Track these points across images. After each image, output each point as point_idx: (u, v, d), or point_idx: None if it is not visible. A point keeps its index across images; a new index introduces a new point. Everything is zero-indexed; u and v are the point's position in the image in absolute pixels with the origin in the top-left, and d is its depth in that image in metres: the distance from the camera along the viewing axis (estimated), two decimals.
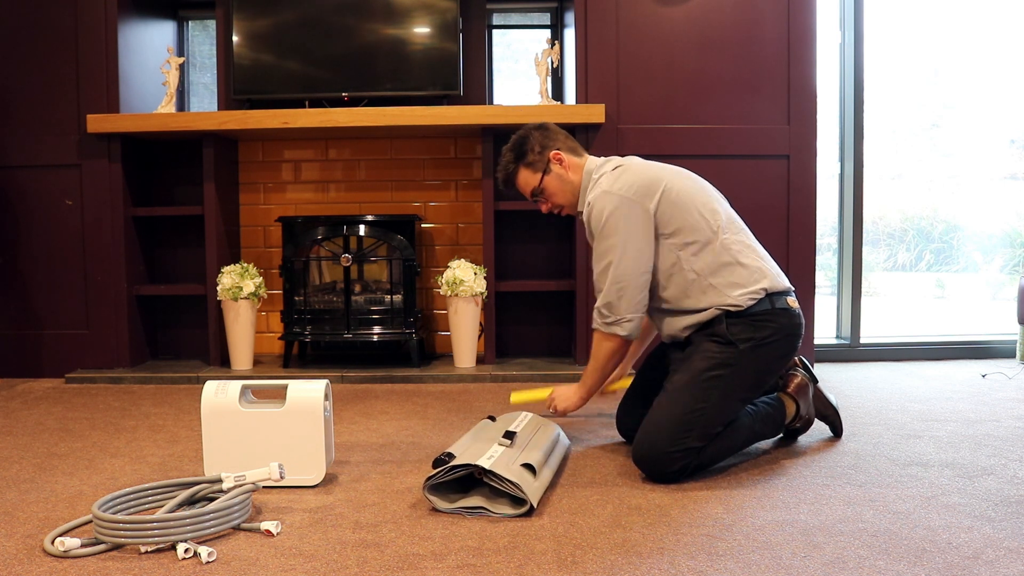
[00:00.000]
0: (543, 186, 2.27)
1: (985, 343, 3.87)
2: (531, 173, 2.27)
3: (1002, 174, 4.67)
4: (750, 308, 2.06)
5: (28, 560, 1.52)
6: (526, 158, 2.27)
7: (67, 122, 3.44)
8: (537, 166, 2.26)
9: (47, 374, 3.51)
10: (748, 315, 2.06)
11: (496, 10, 3.90)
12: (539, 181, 2.27)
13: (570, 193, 2.28)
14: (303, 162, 3.77)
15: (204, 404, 1.95)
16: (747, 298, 2.06)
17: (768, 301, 2.08)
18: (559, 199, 2.29)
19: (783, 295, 2.11)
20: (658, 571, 1.45)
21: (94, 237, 3.46)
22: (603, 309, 2.13)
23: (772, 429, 2.22)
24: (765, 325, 2.06)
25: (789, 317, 2.11)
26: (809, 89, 3.44)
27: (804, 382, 2.31)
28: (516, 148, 2.29)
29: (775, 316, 2.08)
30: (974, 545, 1.56)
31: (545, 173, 2.26)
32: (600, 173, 2.21)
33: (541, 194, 2.29)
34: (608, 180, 2.15)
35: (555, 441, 2.12)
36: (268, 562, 1.50)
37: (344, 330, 3.46)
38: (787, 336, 2.10)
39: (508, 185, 2.34)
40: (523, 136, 2.29)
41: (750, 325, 2.05)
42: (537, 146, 2.26)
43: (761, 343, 2.05)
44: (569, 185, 2.27)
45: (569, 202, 2.29)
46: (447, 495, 1.81)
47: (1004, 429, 2.48)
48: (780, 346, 2.09)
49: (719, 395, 2.00)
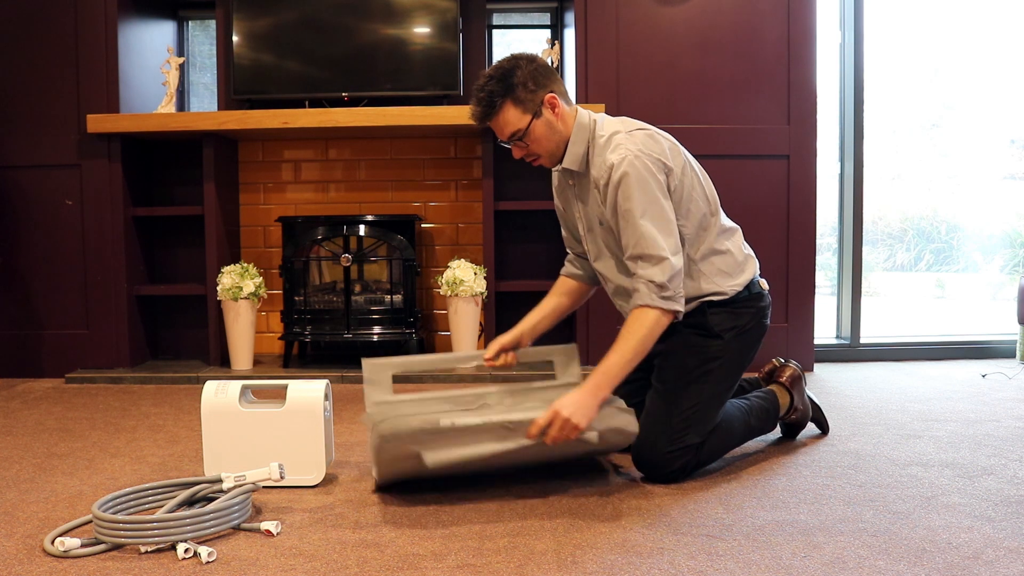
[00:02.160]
0: (530, 129, 1.95)
1: (985, 343, 3.87)
2: (519, 113, 1.93)
3: (1002, 174, 4.67)
4: (734, 296, 2.05)
5: (28, 560, 1.52)
6: (515, 92, 1.92)
7: (67, 122, 3.43)
8: (528, 106, 1.93)
9: (47, 374, 3.51)
10: (728, 303, 2.05)
11: (496, 10, 3.90)
12: (527, 124, 1.94)
13: (555, 144, 1.99)
14: (303, 162, 3.77)
15: (204, 404, 1.95)
16: (733, 288, 2.05)
17: (746, 288, 2.07)
18: (541, 147, 1.99)
19: (755, 279, 2.11)
20: (658, 571, 1.45)
21: (94, 237, 3.46)
22: (667, 282, 1.85)
23: (768, 423, 2.23)
24: (744, 312, 2.06)
25: (762, 299, 2.11)
26: (809, 89, 3.44)
27: (797, 373, 2.31)
28: (504, 77, 1.92)
29: (752, 301, 2.08)
30: (974, 545, 1.56)
31: (535, 116, 1.94)
32: (611, 131, 1.97)
33: (523, 138, 1.96)
34: (634, 141, 1.92)
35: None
36: (268, 562, 1.50)
37: (344, 330, 3.46)
38: (762, 318, 2.11)
39: (483, 119, 1.96)
40: (512, 65, 1.94)
41: (731, 314, 2.05)
42: (531, 82, 1.92)
43: (743, 331, 2.06)
44: (557, 135, 1.98)
45: (551, 153, 2.00)
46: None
47: (1004, 429, 2.48)
48: (757, 329, 2.10)
49: (711, 388, 2.00)
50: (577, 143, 1.99)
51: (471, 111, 1.97)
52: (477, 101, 1.95)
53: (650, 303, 1.85)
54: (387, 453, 1.78)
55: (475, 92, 1.95)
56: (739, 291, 2.06)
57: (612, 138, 1.95)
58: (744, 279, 2.07)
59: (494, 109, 1.93)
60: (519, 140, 1.97)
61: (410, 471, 1.84)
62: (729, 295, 2.04)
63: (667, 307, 1.86)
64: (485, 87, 1.93)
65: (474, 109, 1.96)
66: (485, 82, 1.94)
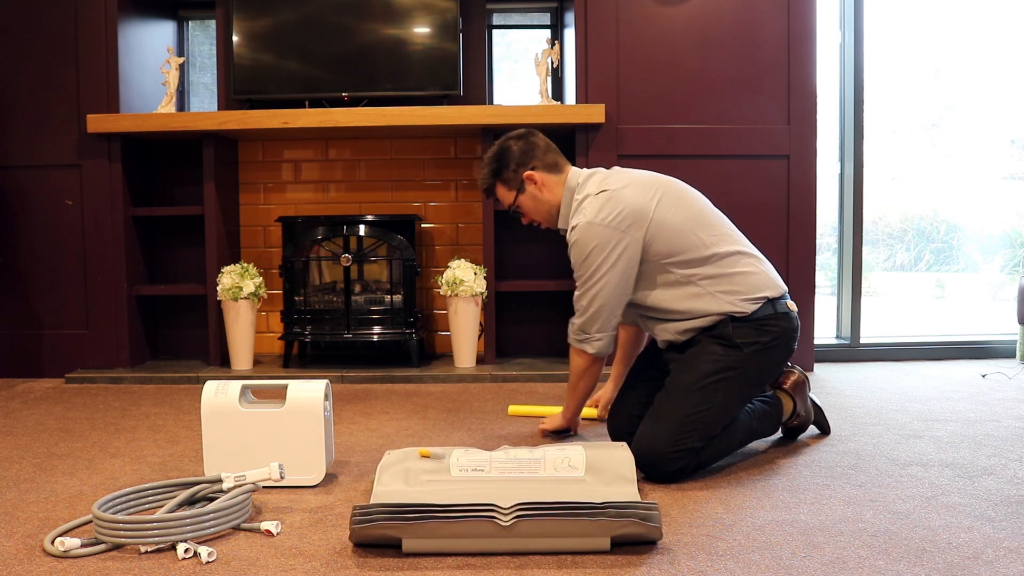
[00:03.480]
0: (518, 203, 2.28)
1: (985, 343, 3.87)
2: (506, 190, 2.27)
3: (1002, 174, 4.67)
4: (755, 313, 2.07)
5: (28, 560, 1.52)
6: (502, 175, 2.25)
7: (67, 122, 3.44)
8: (512, 184, 2.25)
9: (47, 374, 3.51)
10: (753, 319, 2.07)
11: (496, 10, 3.90)
12: (514, 199, 2.27)
13: (545, 212, 2.26)
14: (303, 162, 3.77)
15: (204, 404, 1.95)
16: (751, 305, 2.07)
17: (771, 306, 2.09)
18: (534, 216, 2.30)
19: (782, 299, 2.14)
20: (658, 571, 1.45)
21: (94, 237, 3.46)
22: (577, 327, 2.18)
23: (770, 427, 2.23)
24: (769, 329, 2.08)
25: (789, 320, 2.13)
26: (809, 89, 3.44)
27: (801, 379, 2.32)
28: (494, 162, 2.26)
29: (778, 320, 2.10)
30: (974, 545, 1.56)
31: (519, 192, 2.25)
32: (584, 194, 2.17)
33: (518, 209, 2.30)
34: (593, 208, 2.10)
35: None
36: (268, 562, 1.50)
37: (344, 330, 3.46)
38: (788, 339, 2.12)
39: (488, 196, 2.35)
40: (502, 149, 2.26)
41: (755, 329, 2.06)
42: (513, 163, 2.23)
43: (765, 347, 2.07)
44: (544, 204, 2.25)
45: (545, 219, 2.29)
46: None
47: (1004, 429, 2.48)
48: (781, 349, 2.11)
49: (723, 397, 2.01)
50: (564, 205, 2.24)
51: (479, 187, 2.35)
52: (480, 182, 2.32)
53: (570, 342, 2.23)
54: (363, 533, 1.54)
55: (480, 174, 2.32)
56: (759, 307, 2.07)
57: (582, 203, 2.16)
58: (759, 296, 2.08)
59: (490, 190, 2.30)
60: (516, 211, 2.31)
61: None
62: (749, 312, 2.06)
63: (577, 347, 2.21)
64: (483, 170, 2.30)
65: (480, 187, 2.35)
66: (484, 166, 2.29)
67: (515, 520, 1.50)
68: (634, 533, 1.52)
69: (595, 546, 1.52)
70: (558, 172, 2.24)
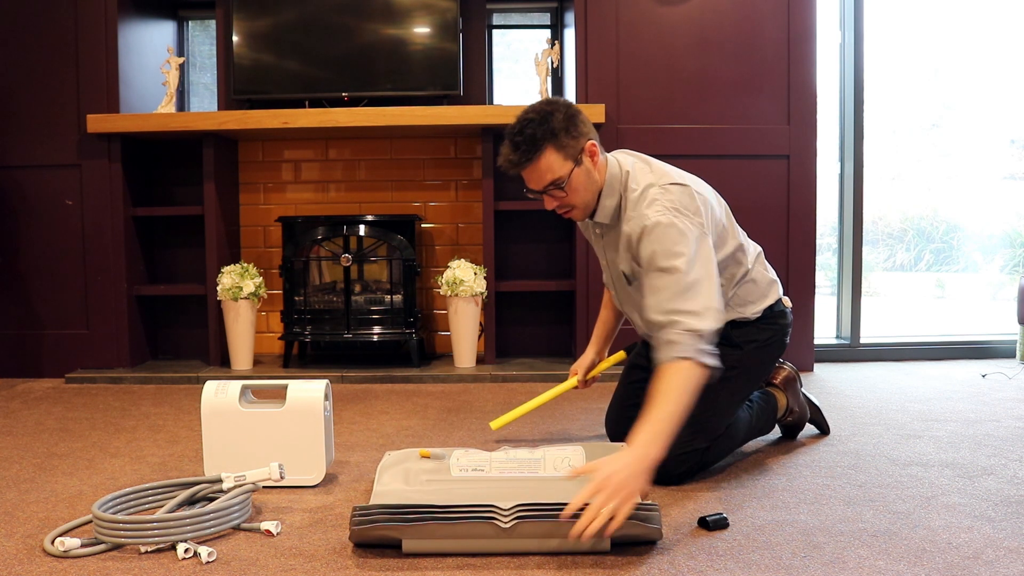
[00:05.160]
0: (571, 178, 1.85)
1: (985, 343, 3.87)
2: (561, 159, 1.83)
3: (1002, 174, 4.67)
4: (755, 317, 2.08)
5: (28, 560, 1.52)
6: (558, 138, 1.81)
7: (67, 122, 3.43)
8: (569, 151, 1.83)
9: (47, 374, 3.51)
10: (752, 321, 2.08)
11: (496, 10, 3.90)
12: (568, 172, 1.84)
13: (591, 194, 1.91)
14: (303, 162, 3.77)
15: (204, 404, 1.95)
16: (756, 313, 2.08)
17: (770, 307, 2.10)
18: (578, 198, 1.90)
19: (780, 298, 2.15)
20: (658, 571, 1.45)
21: (94, 237, 3.46)
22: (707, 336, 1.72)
23: (768, 423, 2.24)
24: (767, 328, 2.09)
25: (784, 317, 2.14)
26: (809, 89, 3.44)
27: (792, 375, 2.32)
28: (544, 121, 1.81)
29: (775, 318, 2.11)
30: (974, 545, 1.56)
31: (576, 164, 1.84)
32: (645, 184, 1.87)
33: (560, 187, 1.86)
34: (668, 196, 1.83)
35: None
36: (268, 562, 1.50)
37: (344, 330, 3.46)
38: (783, 335, 2.14)
39: (520, 164, 1.84)
40: (551, 110, 1.83)
41: (753, 328, 2.07)
42: (572, 128, 1.82)
43: (764, 344, 2.08)
44: (594, 186, 1.90)
45: (586, 204, 1.92)
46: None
47: (1004, 429, 2.48)
48: (778, 345, 2.13)
49: (725, 397, 2.01)
50: (610, 195, 1.91)
51: (506, 156, 1.85)
52: (515, 146, 1.82)
53: (691, 356, 1.70)
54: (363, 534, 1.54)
55: (511, 136, 1.83)
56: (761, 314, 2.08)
57: (646, 192, 1.86)
58: (766, 303, 2.09)
59: (536, 154, 1.81)
60: (558, 188, 1.86)
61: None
62: (752, 319, 2.07)
63: (705, 361, 1.72)
64: (524, 130, 1.81)
65: (511, 154, 1.84)
66: (524, 125, 1.81)
67: (515, 521, 1.49)
68: (634, 534, 1.52)
69: (595, 547, 1.51)
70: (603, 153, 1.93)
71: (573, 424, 2.59)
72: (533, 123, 1.82)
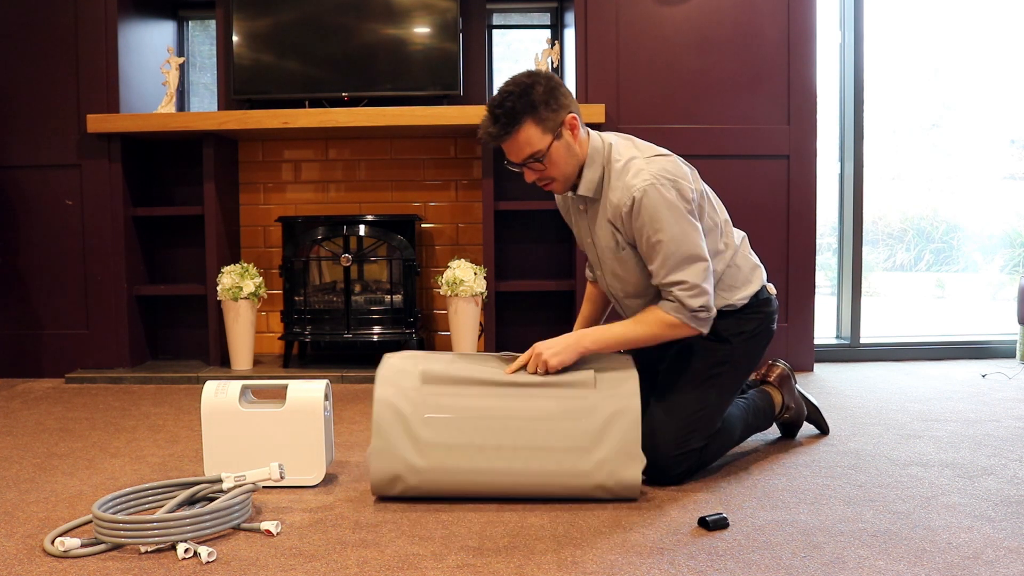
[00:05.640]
0: (550, 151, 1.85)
1: (985, 343, 3.87)
2: (539, 133, 1.83)
3: (1002, 174, 4.67)
4: (741, 305, 2.06)
5: (28, 560, 1.52)
6: (538, 111, 1.82)
7: (67, 122, 3.43)
8: (549, 125, 1.83)
9: (47, 374, 3.51)
10: (738, 310, 2.06)
11: (496, 10, 3.90)
12: (547, 145, 1.84)
13: (572, 167, 1.90)
14: (303, 162, 3.77)
15: (204, 404, 1.95)
16: (743, 300, 2.06)
17: (755, 296, 2.08)
18: (558, 171, 1.89)
19: (764, 285, 2.12)
20: (658, 571, 1.45)
21: (94, 237, 3.46)
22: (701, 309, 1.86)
23: (764, 421, 2.24)
24: (752, 317, 2.07)
25: (769, 305, 2.12)
26: (809, 89, 3.44)
27: (785, 372, 2.32)
28: (525, 93, 1.81)
29: (759, 306, 2.09)
30: (974, 545, 1.56)
31: (556, 137, 1.84)
32: (628, 156, 1.90)
33: (539, 160, 1.87)
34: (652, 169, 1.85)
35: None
36: (268, 562, 1.50)
37: (344, 330, 3.46)
38: (769, 323, 2.12)
39: (500, 137, 1.85)
40: (532, 80, 1.83)
41: (739, 319, 2.05)
42: (552, 100, 1.83)
43: (751, 335, 2.06)
44: (575, 159, 1.89)
45: (567, 177, 1.92)
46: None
47: (1004, 429, 2.48)
48: (765, 334, 2.11)
49: (717, 393, 2.01)
50: (592, 168, 1.92)
51: (485, 128, 1.86)
52: (494, 118, 1.83)
53: (681, 317, 1.88)
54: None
55: (491, 108, 1.84)
56: (747, 301, 2.06)
57: (630, 164, 1.88)
58: (751, 290, 2.07)
59: (515, 126, 1.82)
60: (537, 161, 1.87)
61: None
62: (738, 306, 2.05)
63: (694, 325, 1.89)
64: (504, 103, 1.81)
65: (490, 127, 1.85)
66: (504, 97, 1.82)
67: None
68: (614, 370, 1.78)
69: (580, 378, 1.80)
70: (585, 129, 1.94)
71: None
72: (513, 96, 1.82)
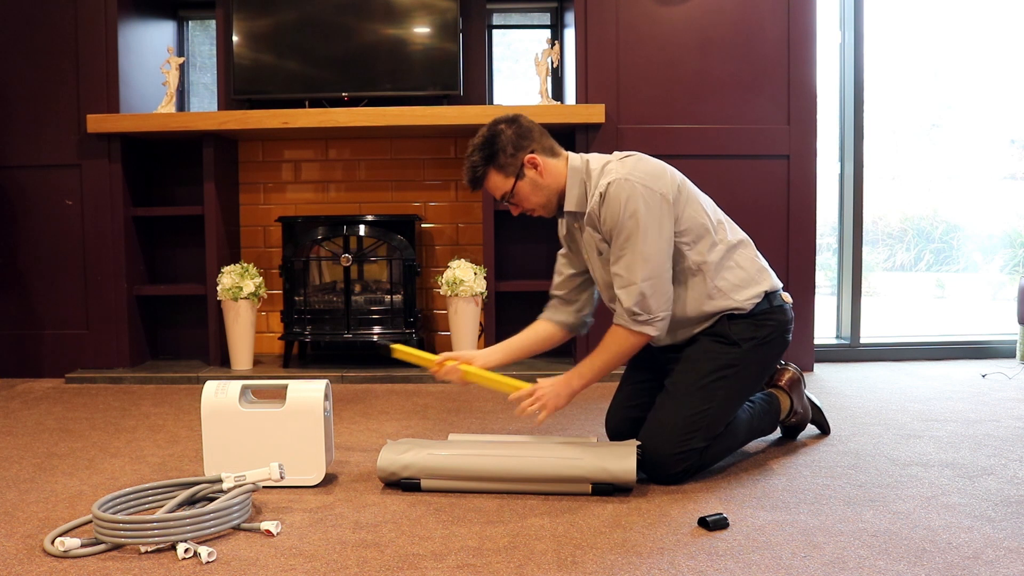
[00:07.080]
0: (515, 191, 2.07)
1: (985, 343, 3.87)
2: (502, 177, 2.06)
3: (1002, 174, 4.67)
4: (752, 308, 2.06)
5: (28, 560, 1.52)
6: (497, 160, 2.05)
7: (67, 122, 3.43)
8: (509, 170, 2.05)
9: (47, 374, 3.51)
10: (749, 315, 2.06)
11: (496, 10, 3.90)
12: (511, 187, 2.06)
13: (545, 197, 2.08)
14: (303, 162, 3.77)
15: (204, 404, 1.95)
16: (751, 301, 2.05)
17: (767, 300, 2.08)
18: (531, 204, 2.10)
19: (777, 292, 2.12)
20: (658, 571, 1.45)
21: (94, 237, 3.46)
22: (635, 306, 1.95)
23: (769, 425, 2.24)
24: (765, 324, 2.07)
25: (784, 313, 2.12)
26: (809, 89, 3.44)
27: (796, 376, 2.32)
28: (486, 147, 2.05)
29: (774, 314, 2.09)
30: (974, 545, 1.56)
31: (519, 178, 2.05)
32: (604, 163, 2.05)
33: (511, 199, 2.11)
34: (622, 168, 1.99)
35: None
36: (268, 562, 1.50)
37: (344, 330, 3.46)
38: (784, 332, 2.11)
39: (475, 186, 2.12)
40: (493, 133, 2.06)
41: (752, 324, 2.05)
42: (510, 147, 2.04)
43: (763, 341, 2.06)
44: (545, 191, 2.07)
45: (542, 206, 2.11)
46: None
47: (1004, 429, 2.48)
48: (778, 343, 2.11)
49: (724, 395, 2.00)
50: (573, 186, 2.07)
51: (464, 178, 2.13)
52: (465, 172, 2.11)
53: (622, 323, 1.99)
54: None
55: (465, 161, 2.11)
56: (758, 303, 2.06)
57: (604, 168, 2.04)
58: (758, 290, 2.06)
59: (480, 178, 2.08)
60: (508, 201, 2.11)
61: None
62: (748, 309, 2.05)
63: (636, 329, 1.97)
64: (470, 158, 2.08)
65: (465, 179, 2.13)
66: (471, 152, 2.08)
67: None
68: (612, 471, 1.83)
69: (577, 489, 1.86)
70: (556, 155, 2.08)
71: (572, 424, 2.59)
72: (477, 149, 2.08)
